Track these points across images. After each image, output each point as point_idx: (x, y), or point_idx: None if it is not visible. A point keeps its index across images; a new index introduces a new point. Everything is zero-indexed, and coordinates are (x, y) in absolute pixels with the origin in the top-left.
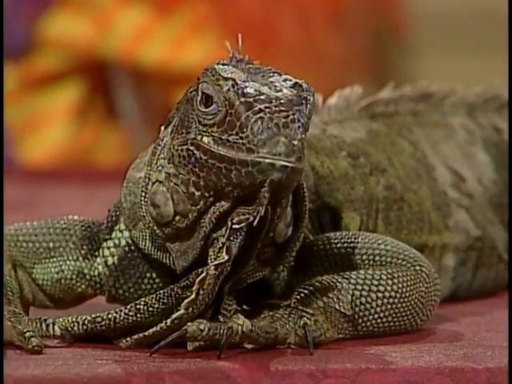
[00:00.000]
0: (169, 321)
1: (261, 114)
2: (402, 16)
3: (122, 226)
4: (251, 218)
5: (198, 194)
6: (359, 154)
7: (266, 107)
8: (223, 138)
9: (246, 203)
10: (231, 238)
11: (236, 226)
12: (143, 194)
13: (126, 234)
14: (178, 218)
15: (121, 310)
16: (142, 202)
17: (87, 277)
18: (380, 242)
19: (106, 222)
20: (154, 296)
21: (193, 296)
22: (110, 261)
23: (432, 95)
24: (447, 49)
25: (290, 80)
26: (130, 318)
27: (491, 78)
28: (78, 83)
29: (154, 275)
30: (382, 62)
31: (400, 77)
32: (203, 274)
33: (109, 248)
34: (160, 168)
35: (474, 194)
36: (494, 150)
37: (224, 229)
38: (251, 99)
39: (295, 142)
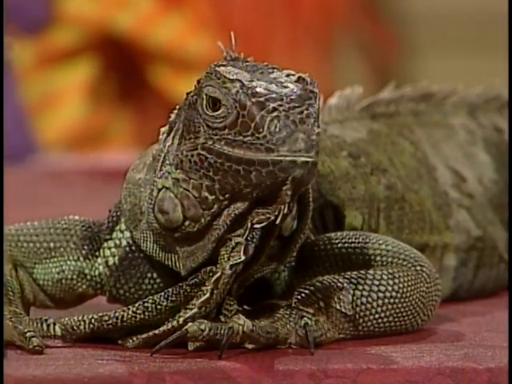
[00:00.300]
0: (181, 319)
1: (276, 113)
2: (389, 33)
3: (123, 227)
4: (272, 217)
5: (211, 197)
6: (360, 154)
7: (280, 105)
8: (237, 139)
9: (264, 203)
10: (248, 238)
11: (257, 226)
12: (149, 200)
13: (127, 234)
14: (187, 222)
15: (128, 309)
16: (149, 209)
17: (88, 277)
18: (381, 242)
19: (106, 223)
20: (162, 294)
21: (207, 295)
22: (110, 261)
23: (433, 95)
24: (448, 49)
25: (293, 74)
26: (138, 316)
27: (492, 77)
28: (91, 61)
29: (154, 275)
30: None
31: (401, 77)
32: (218, 274)
33: (109, 248)
34: (166, 174)
35: (475, 194)
36: (494, 150)
37: (243, 229)
38: (262, 98)
39: (313, 137)
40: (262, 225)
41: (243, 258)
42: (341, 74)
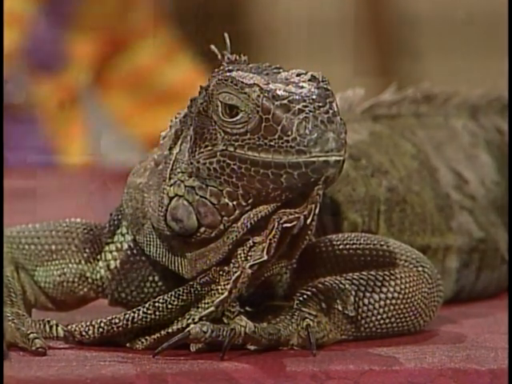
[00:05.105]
0: (197, 317)
1: (303, 115)
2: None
3: (124, 230)
4: (302, 217)
5: (232, 203)
6: (361, 156)
7: (305, 106)
8: (262, 144)
9: (289, 203)
10: (271, 238)
11: (288, 225)
12: (160, 208)
13: (128, 237)
14: (203, 229)
15: (139, 309)
16: (160, 217)
17: (89, 280)
18: (382, 243)
19: (108, 226)
20: (172, 293)
21: (225, 294)
22: (112, 265)
23: (435, 97)
24: (450, 50)
25: (305, 73)
26: (149, 316)
27: (494, 79)
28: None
29: (156, 278)
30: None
31: (403, 79)
32: (237, 273)
33: (111, 252)
34: (178, 182)
35: (477, 195)
36: (496, 151)
37: (268, 229)
38: (285, 101)
39: (342, 136)
40: (293, 224)
41: (266, 257)
42: None
